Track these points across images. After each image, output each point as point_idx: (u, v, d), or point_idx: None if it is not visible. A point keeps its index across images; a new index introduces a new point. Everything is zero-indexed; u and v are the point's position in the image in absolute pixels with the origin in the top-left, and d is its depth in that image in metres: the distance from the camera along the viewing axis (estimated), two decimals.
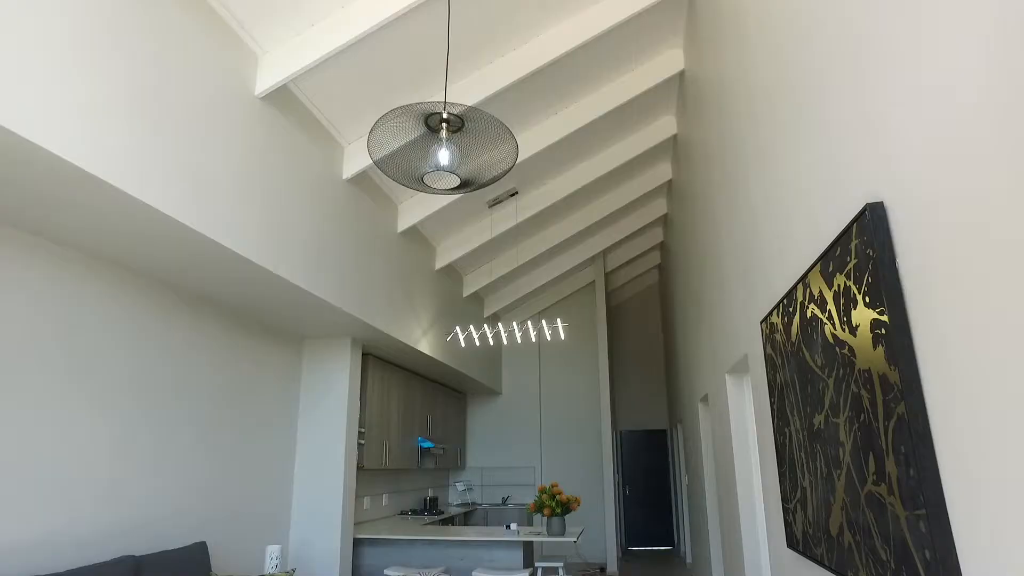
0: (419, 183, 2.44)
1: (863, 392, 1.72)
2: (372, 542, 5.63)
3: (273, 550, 4.54)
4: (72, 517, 3.26)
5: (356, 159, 4.69)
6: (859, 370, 1.74)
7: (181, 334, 4.11)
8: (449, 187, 2.45)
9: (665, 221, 8.64)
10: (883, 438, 1.61)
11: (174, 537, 3.96)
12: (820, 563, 2.27)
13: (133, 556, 3.31)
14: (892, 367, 1.52)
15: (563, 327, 8.27)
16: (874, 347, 1.62)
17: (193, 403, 4.18)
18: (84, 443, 3.36)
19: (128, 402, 3.66)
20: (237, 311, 4.64)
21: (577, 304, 10.05)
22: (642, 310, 11.18)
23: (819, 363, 2.12)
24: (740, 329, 3.66)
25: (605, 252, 9.46)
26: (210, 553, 4.18)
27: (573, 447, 9.52)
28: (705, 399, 5.84)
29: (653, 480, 10.57)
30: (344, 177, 4.69)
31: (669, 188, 7.59)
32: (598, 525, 9.13)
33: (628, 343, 11.07)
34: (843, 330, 1.84)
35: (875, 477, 1.69)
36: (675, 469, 10.01)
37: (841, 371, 1.90)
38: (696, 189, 5.25)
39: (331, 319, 4.90)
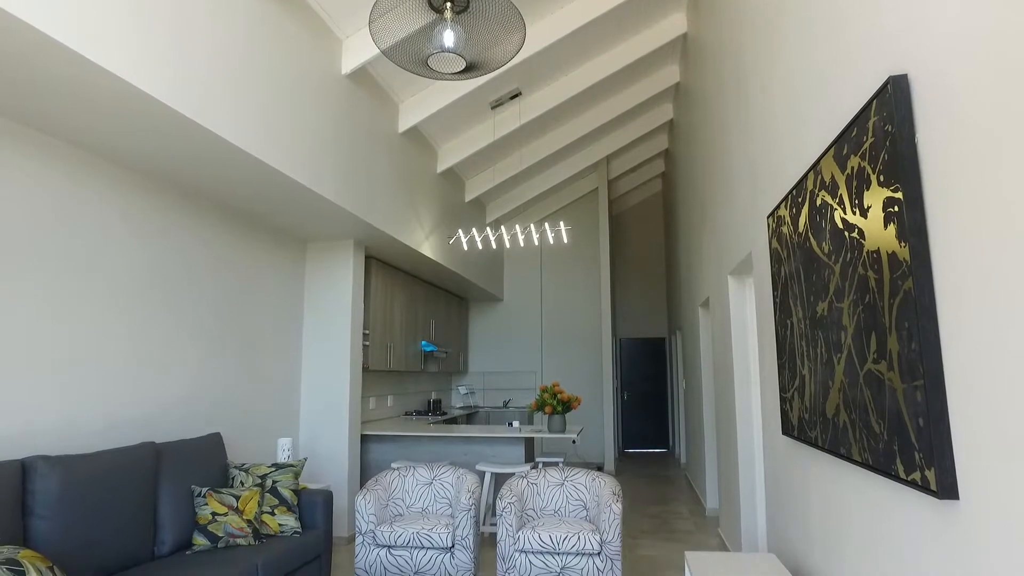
0: (423, 67, 2.36)
1: (870, 273, 1.74)
2: (378, 439, 5.85)
3: (284, 442, 4.72)
4: (91, 405, 3.37)
5: (355, 53, 4.52)
6: (867, 252, 1.74)
7: (185, 234, 4.10)
8: (454, 70, 2.37)
9: (671, 127, 8.45)
10: (887, 316, 1.64)
11: (189, 429, 4.11)
12: (814, 444, 2.36)
13: (153, 443, 3.45)
14: (902, 244, 1.52)
15: (566, 230, 8.24)
16: (885, 226, 1.61)
17: (200, 302, 4.23)
18: (96, 336, 3.43)
19: (135, 298, 3.70)
20: (240, 212, 4.61)
21: (579, 212, 9.99)
22: (644, 220, 11.13)
23: (826, 250, 2.12)
24: (745, 227, 3.65)
25: (609, 159, 9.30)
26: (225, 444, 4.35)
27: (574, 353, 9.72)
28: (706, 303, 5.91)
29: (651, 386, 10.87)
30: (343, 72, 4.54)
31: (676, 91, 7.37)
32: (597, 428, 9.46)
33: (629, 252, 11.09)
34: (853, 213, 1.83)
35: (875, 356, 1.73)
36: (673, 376, 10.28)
37: (848, 255, 1.90)
38: (705, 89, 5.10)
39: (333, 219, 4.88)
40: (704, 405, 6.24)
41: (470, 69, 2.38)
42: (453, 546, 3.77)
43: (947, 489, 1.41)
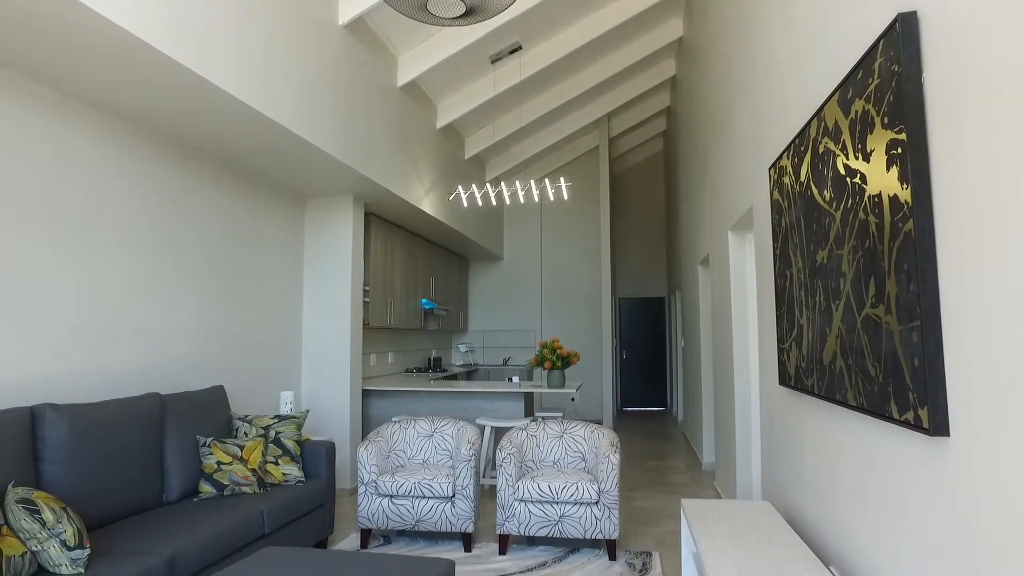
0: (422, 11, 2.31)
1: (870, 218, 1.74)
2: (379, 394, 5.92)
3: (287, 396, 4.78)
4: (96, 357, 3.41)
5: (353, 1, 4.42)
6: (869, 196, 1.74)
7: (184, 188, 4.08)
8: (454, 15, 2.32)
9: (673, 83, 8.33)
10: (886, 260, 1.64)
11: (192, 382, 4.16)
12: (810, 392, 2.40)
13: (158, 394, 3.49)
14: (904, 186, 1.51)
15: (567, 186, 8.19)
16: (887, 169, 1.61)
17: (200, 256, 4.23)
18: (98, 289, 3.44)
19: (135, 253, 3.70)
20: (239, 166, 4.57)
21: (580, 170, 9.92)
22: (645, 179, 11.05)
23: (827, 198, 2.12)
24: (747, 180, 3.63)
25: (610, 116, 9.19)
26: (228, 397, 4.40)
27: (573, 312, 9.77)
28: (705, 260, 5.92)
29: (650, 346, 10.95)
30: (340, 23, 4.45)
31: (679, 47, 7.25)
32: (595, 386, 9.57)
33: (629, 212, 11.05)
34: (856, 158, 1.83)
35: (874, 300, 1.74)
36: (671, 335, 10.34)
37: (850, 201, 1.90)
38: (709, 42, 5.01)
39: (332, 174, 4.84)
40: (702, 362, 6.30)
41: (470, 13, 2.33)
42: (454, 495, 3.85)
43: (939, 426, 1.44)
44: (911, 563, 1.64)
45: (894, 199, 1.58)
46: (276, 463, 3.74)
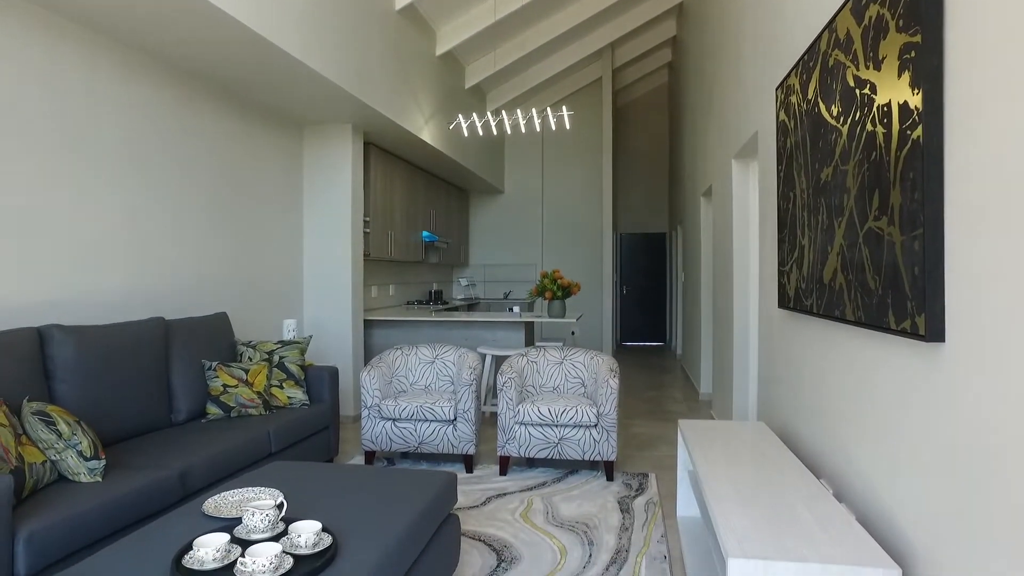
0: None
1: (878, 128, 1.71)
2: (381, 324, 5.98)
3: (289, 323, 4.83)
4: (98, 282, 3.42)
5: None
6: (878, 107, 1.71)
7: (178, 112, 4.00)
8: None
9: (680, 10, 8.06)
10: (892, 171, 1.63)
11: (195, 310, 4.19)
12: (809, 312, 2.42)
13: (163, 318, 3.53)
14: (915, 91, 1.49)
15: (568, 115, 8.04)
16: (899, 75, 1.57)
17: (199, 182, 4.19)
18: (97, 215, 3.42)
19: (130, 178, 3.67)
20: (234, 91, 4.47)
21: (582, 102, 9.71)
22: (648, 113, 10.84)
23: (835, 113, 2.08)
24: (753, 104, 3.56)
25: (614, 46, 8.93)
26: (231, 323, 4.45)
27: (574, 247, 9.75)
28: (708, 192, 5.87)
29: (650, 281, 10.99)
30: None
31: None
32: (596, 321, 9.65)
33: (632, 146, 10.88)
34: (867, 68, 1.79)
35: (877, 213, 1.74)
36: (672, 271, 10.36)
37: (857, 114, 1.87)
38: None
39: (329, 100, 4.74)
40: (702, 294, 6.33)
41: None
42: (455, 419, 3.95)
43: (935, 333, 1.46)
44: (900, 467, 1.70)
45: (904, 106, 1.55)
46: (280, 387, 3.81)
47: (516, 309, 5.85)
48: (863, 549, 1.62)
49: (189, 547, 1.68)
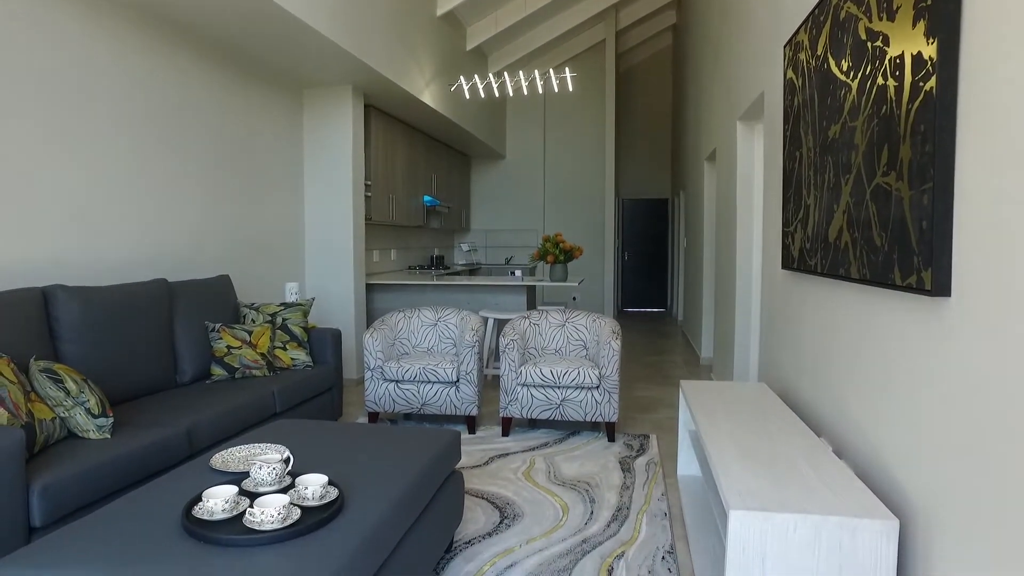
0: None
1: (890, 82, 1.68)
2: (383, 288, 5.99)
3: (291, 286, 4.83)
4: (101, 244, 3.41)
5: None
6: (890, 59, 1.68)
7: (177, 72, 3.94)
8: None
9: None
10: (902, 124, 1.61)
11: (198, 271, 4.19)
12: (812, 271, 2.42)
13: (166, 280, 3.53)
14: (930, 41, 1.46)
15: (571, 77, 7.92)
16: (913, 24, 1.54)
17: (199, 145, 4.15)
18: (99, 175, 3.39)
19: (134, 139, 3.63)
20: (233, 52, 4.39)
21: (585, 66, 9.56)
22: (652, 77, 10.68)
23: (844, 68, 2.05)
24: (760, 63, 3.51)
25: (617, 7, 8.77)
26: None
27: (576, 213, 9.71)
28: (712, 156, 5.82)
29: (651, 247, 10.97)
30: None
31: None
32: (597, 286, 9.65)
33: (635, 110, 10.75)
34: (880, 19, 1.75)
35: (885, 168, 1.72)
36: (674, 237, 10.33)
37: (868, 68, 1.84)
38: None
39: (328, 60, 4.67)
40: (704, 259, 6.32)
41: None
42: (458, 380, 3.97)
43: (941, 287, 1.45)
44: (899, 422, 1.71)
45: (917, 57, 1.52)
46: (284, 348, 3.83)
47: (518, 273, 5.85)
48: (862, 501, 1.65)
49: (198, 499, 1.71)
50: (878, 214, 1.77)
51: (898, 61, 1.63)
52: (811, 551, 1.58)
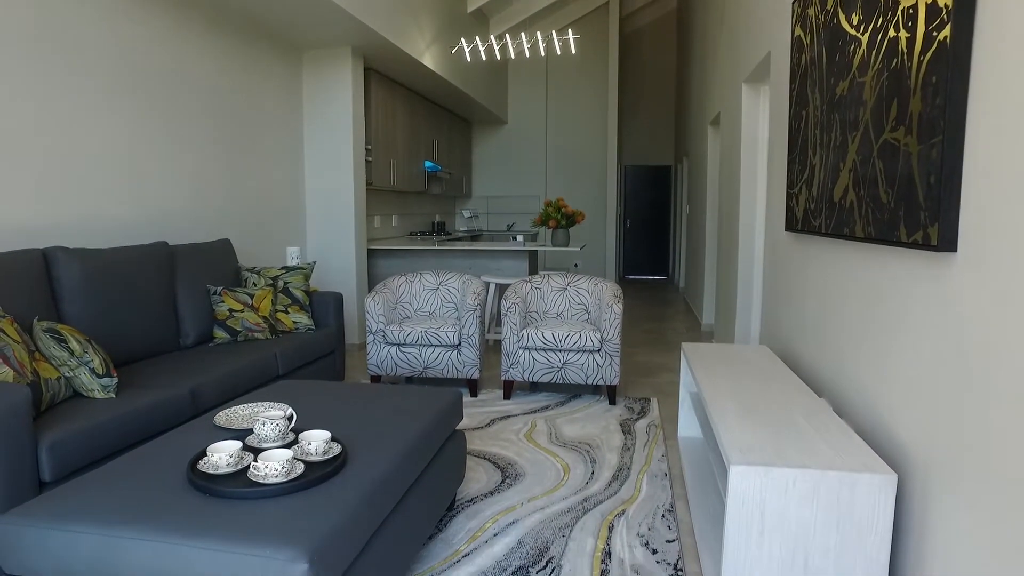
0: None
1: (901, 33, 1.65)
2: (384, 253, 5.97)
3: (292, 251, 4.82)
4: (102, 205, 3.39)
5: None
6: (903, 9, 1.64)
7: (173, 34, 3.87)
8: None
9: None
10: (913, 76, 1.58)
11: (198, 235, 4.17)
12: (816, 232, 2.40)
13: (166, 243, 3.52)
14: None
15: (574, 39, 7.80)
16: None
17: (196, 107, 4.10)
18: (97, 136, 3.36)
19: (132, 100, 3.58)
20: (229, 13, 4.31)
21: (588, 29, 9.39)
22: (656, 41, 10.50)
23: (855, 22, 2.00)
24: (767, 21, 3.44)
25: None
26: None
27: (578, 179, 9.63)
28: (716, 120, 5.74)
29: (654, 214, 10.91)
30: None
31: None
32: (599, 253, 9.63)
33: (638, 76, 10.59)
34: None
35: (894, 123, 1.69)
36: (676, 204, 10.27)
37: (880, 20, 1.80)
38: None
39: (327, 20, 4.58)
40: (707, 224, 6.29)
41: None
42: (460, 343, 3.99)
43: (947, 243, 1.44)
44: (900, 379, 1.71)
45: (931, 6, 1.48)
46: (286, 311, 3.83)
47: (520, 239, 5.82)
48: (861, 457, 1.66)
49: (203, 454, 1.72)
50: (885, 171, 1.75)
51: (911, 11, 1.59)
52: (810, 505, 1.60)
